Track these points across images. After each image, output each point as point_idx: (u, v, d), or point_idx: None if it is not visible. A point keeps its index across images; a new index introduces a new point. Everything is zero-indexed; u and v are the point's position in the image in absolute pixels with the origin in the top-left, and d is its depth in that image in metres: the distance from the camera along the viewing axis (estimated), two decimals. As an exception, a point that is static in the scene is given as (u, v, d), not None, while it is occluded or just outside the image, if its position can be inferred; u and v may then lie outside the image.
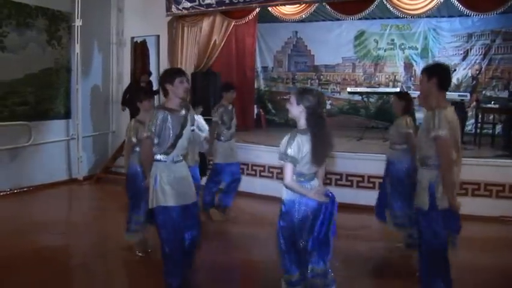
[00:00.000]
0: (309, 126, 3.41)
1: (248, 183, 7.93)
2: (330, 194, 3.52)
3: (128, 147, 5.24)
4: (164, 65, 9.88)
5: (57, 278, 4.65)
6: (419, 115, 11.32)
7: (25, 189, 8.09)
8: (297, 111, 3.45)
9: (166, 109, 4.00)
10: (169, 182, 3.97)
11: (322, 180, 3.72)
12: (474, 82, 9.20)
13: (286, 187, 3.47)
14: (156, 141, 3.95)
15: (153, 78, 10.30)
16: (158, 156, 4.02)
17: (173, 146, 4.00)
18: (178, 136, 4.01)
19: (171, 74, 4.10)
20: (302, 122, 3.45)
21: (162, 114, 3.94)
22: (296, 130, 3.45)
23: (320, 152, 3.43)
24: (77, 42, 8.84)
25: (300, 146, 3.36)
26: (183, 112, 4.10)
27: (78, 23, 8.77)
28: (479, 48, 11.08)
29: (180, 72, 4.14)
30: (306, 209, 3.45)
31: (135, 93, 5.24)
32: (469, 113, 9.64)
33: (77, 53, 8.84)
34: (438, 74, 3.81)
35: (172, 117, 3.98)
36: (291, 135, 3.42)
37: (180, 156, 4.10)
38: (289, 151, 3.36)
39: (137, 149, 5.04)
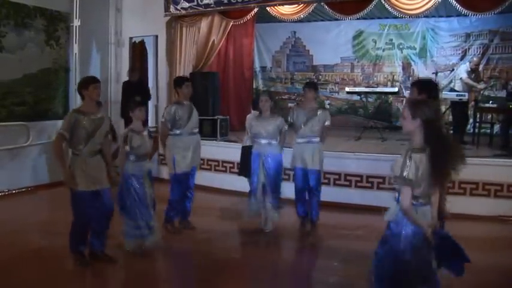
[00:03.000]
0: (427, 142, 3.00)
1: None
2: (442, 233, 3.16)
3: (122, 155, 5.28)
4: (162, 65, 9.89)
5: (56, 278, 4.65)
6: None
7: (24, 189, 8.08)
8: (413, 126, 3.05)
9: (79, 112, 4.75)
10: (82, 172, 4.69)
11: (435, 207, 3.24)
12: (474, 75, 9.19)
13: (404, 213, 3.08)
14: (67, 136, 4.65)
15: (150, 79, 10.32)
16: (73, 151, 4.76)
17: (85, 143, 4.70)
18: (91, 135, 4.71)
19: (87, 81, 4.85)
20: (418, 138, 3.05)
21: (75, 116, 4.70)
22: (411, 148, 3.06)
23: (441, 173, 3.01)
24: (75, 43, 8.82)
25: (417, 166, 2.97)
26: (99, 115, 4.84)
27: (76, 23, 8.76)
28: (477, 48, 11.09)
29: (94, 80, 4.86)
30: (413, 239, 3.09)
31: (127, 103, 5.53)
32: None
33: (75, 53, 8.83)
34: (429, 90, 3.88)
35: (85, 118, 4.69)
36: (406, 154, 3.02)
37: (93, 152, 4.78)
38: (406, 173, 2.97)
39: (131, 157, 5.20)
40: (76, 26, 8.78)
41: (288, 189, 6.35)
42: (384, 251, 3.29)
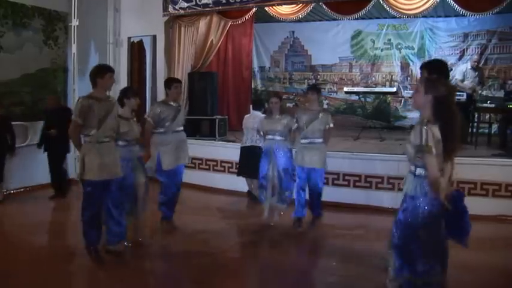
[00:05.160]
0: (437, 117, 3.14)
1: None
2: (456, 193, 3.30)
3: None
4: (161, 65, 9.88)
5: (56, 279, 4.63)
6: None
7: (22, 189, 8.08)
8: (424, 101, 3.21)
9: (91, 98, 4.77)
10: (95, 159, 4.69)
11: (449, 178, 3.36)
12: (477, 73, 9.19)
13: (432, 183, 3.15)
14: (80, 122, 4.67)
15: (148, 79, 10.28)
16: (85, 138, 4.77)
17: (97, 128, 4.71)
18: (102, 120, 4.73)
19: (104, 69, 4.93)
20: (427, 113, 3.19)
21: (87, 101, 4.72)
22: (424, 120, 3.17)
23: (451, 145, 3.15)
24: (74, 42, 8.82)
25: (434, 136, 3.09)
26: (110, 100, 4.93)
27: (74, 23, 8.75)
28: (475, 48, 11.11)
29: (110, 69, 4.96)
30: (432, 209, 3.24)
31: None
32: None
33: (74, 53, 8.82)
34: (439, 71, 3.87)
35: (98, 104, 4.72)
36: (422, 125, 3.14)
37: (105, 138, 4.79)
38: (426, 141, 3.09)
39: (119, 142, 5.28)
40: (74, 26, 8.77)
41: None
42: (403, 219, 3.39)
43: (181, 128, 6.21)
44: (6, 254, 5.20)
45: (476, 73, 9.26)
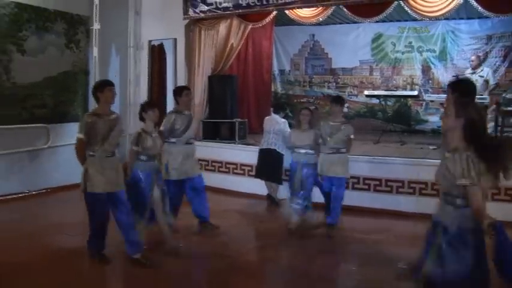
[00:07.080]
0: (469, 143, 2.99)
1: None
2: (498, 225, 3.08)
3: (132, 155, 5.40)
4: (181, 68, 9.93)
5: (75, 280, 4.67)
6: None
7: (43, 190, 8.16)
8: (454, 124, 3.06)
9: (94, 114, 4.89)
10: (98, 173, 4.82)
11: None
12: (478, 73, 8.96)
13: (477, 213, 3.00)
14: (84, 139, 4.78)
15: (169, 82, 10.31)
16: (89, 152, 4.84)
17: (101, 144, 4.79)
18: (105, 137, 4.81)
19: (102, 84, 5.00)
20: (457, 136, 3.05)
21: (90, 118, 4.82)
22: (459, 148, 3.01)
23: (495, 166, 2.99)
24: (95, 46, 8.88)
25: (474, 165, 2.93)
26: (113, 116, 4.94)
27: (96, 26, 8.82)
28: (499, 51, 10.92)
29: (109, 83, 5.02)
30: (476, 240, 3.08)
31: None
32: (488, 116, 9.43)
33: (95, 56, 8.89)
34: (468, 92, 3.84)
35: (101, 120, 4.81)
36: (461, 154, 2.97)
37: (109, 153, 4.88)
38: (469, 173, 2.92)
39: (141, 157, 5.34)
40: (96, 29, 8.84)
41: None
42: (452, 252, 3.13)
43: (192, 140, 6.26)
44: (30, 254, 5.26)
45: (476, 73, 8.98)
